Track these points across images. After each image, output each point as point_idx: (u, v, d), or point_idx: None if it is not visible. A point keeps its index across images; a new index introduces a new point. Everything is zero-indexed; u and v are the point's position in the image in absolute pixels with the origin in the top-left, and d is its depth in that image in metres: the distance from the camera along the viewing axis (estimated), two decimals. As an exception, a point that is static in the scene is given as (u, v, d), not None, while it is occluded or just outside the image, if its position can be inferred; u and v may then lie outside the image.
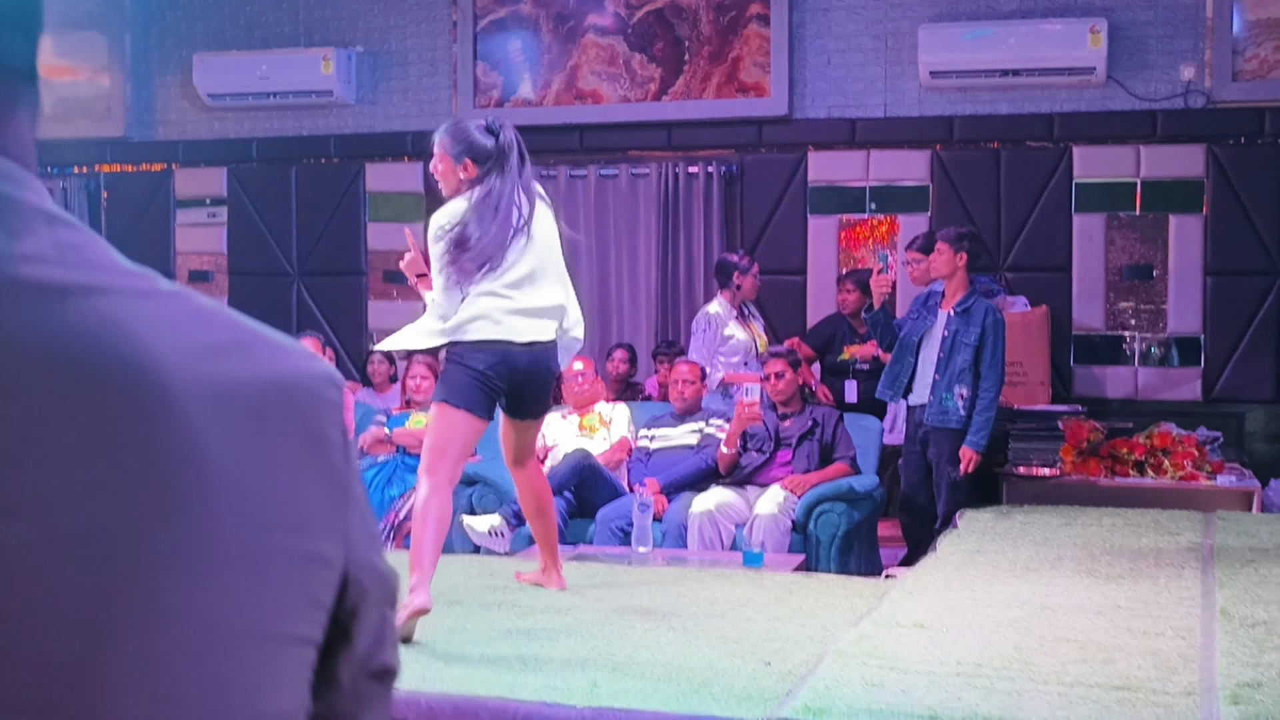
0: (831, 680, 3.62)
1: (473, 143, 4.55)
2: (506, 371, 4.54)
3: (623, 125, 9.46)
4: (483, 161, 4.52)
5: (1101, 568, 5.17)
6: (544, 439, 7.44)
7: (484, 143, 4.55)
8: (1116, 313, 8.75)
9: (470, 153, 4.54)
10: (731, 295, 7.95)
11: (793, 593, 4.92)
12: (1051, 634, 4.13)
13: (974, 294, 6.71)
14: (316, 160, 10.15)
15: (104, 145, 10.52)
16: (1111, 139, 8.68)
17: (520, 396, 4.65)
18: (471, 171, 4.53)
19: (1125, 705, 3.39)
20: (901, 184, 9.06)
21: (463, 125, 4.66)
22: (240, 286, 10.38)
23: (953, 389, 6.58)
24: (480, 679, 3.71)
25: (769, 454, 6.93)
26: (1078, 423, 7.34)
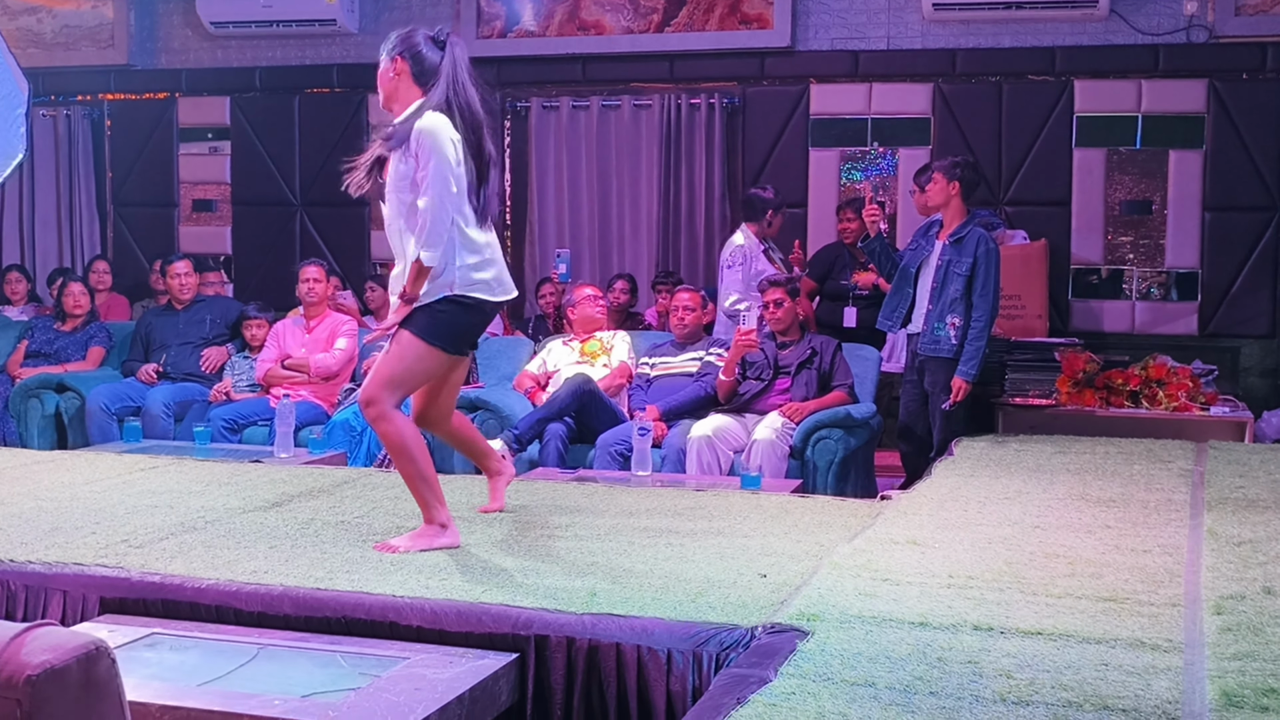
0: (825, 590, 3.71)
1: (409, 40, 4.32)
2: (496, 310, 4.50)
3: (625, 56, 9.48)
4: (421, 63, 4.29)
5: (1093, 492, 5.26)
6: (545, 364, 7.52)
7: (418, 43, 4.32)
8: (1115, 247, 8.81)
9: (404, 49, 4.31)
10: (760, 229, 7.95)
11: (789, 512, 5.00)
12: (1042, 550, 4.22)
13: (969, 224, 6.72)
14: (319, 90, 10.17)
15: (107, 73, 10.54)
16: (1113, 73, 8.70)
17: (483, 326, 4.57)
18: (402, 68, 4.29)
19: (1111, 615, 3.48)
20: (903, 117, 9.09)
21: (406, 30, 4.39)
22: (244, 216, 10.43)
23: (945, 318, 6.62)
24: (482, 588, 3.79)
25: (767, 382, 6.99)
26: (1074, 354, 7.40)
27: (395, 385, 4.32)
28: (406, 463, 4.35)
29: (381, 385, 4.31)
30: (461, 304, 4.33)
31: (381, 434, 4.37)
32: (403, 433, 4.34)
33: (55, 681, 1.79)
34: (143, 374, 8.06)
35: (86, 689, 1.84)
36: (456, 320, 4.35)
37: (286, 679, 3.37)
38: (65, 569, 4.02)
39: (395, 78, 4.36)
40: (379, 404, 4.30)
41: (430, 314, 4.31)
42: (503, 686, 3.44)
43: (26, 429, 7.99)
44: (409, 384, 4.39)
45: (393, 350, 4.36)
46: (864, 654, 3.14)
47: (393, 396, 4.33)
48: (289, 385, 7.70)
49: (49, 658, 1.80)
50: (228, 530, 4.57)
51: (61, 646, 1.83)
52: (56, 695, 1.79)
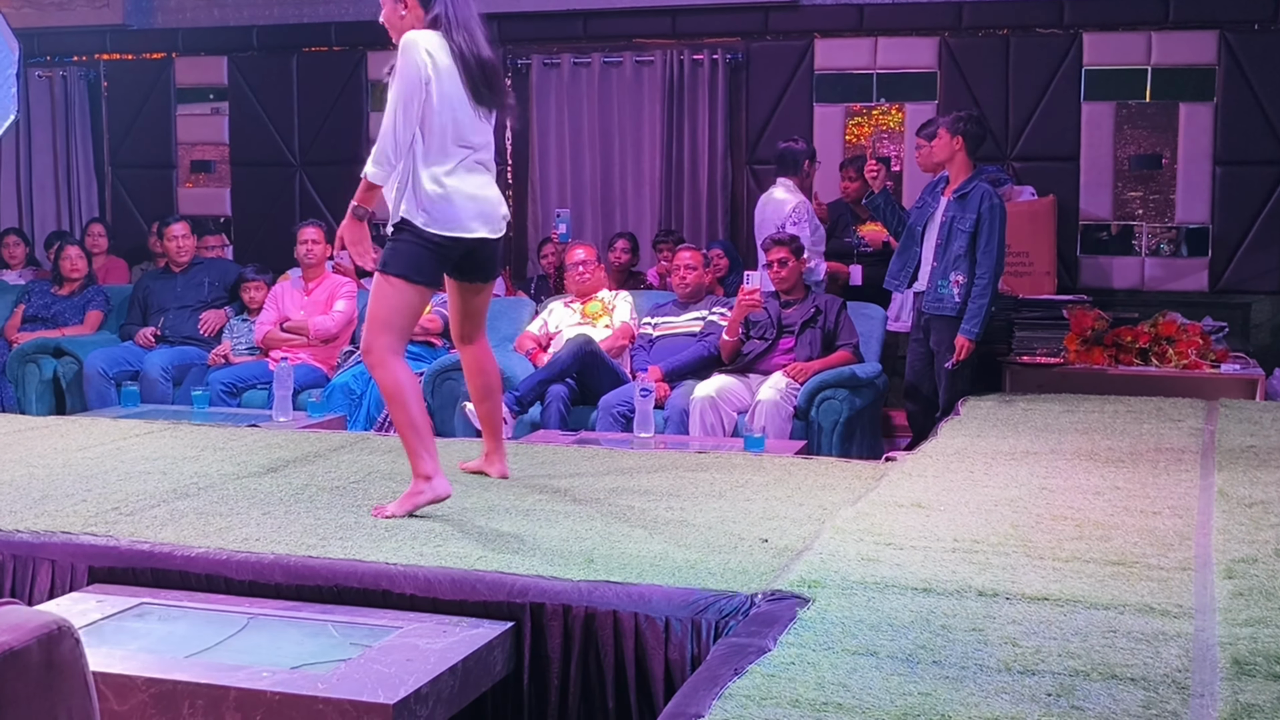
0: (827, 555, 3.63)
1: None
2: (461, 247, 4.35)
3: (627, 11, 9.35)
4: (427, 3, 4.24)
5: (1102, 452, 5.17)
6: (547, 326, 7.44)
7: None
8: (1124, 202, 8.69)
9: None
10: (800, 182, 7.83)
11: (792, 474, 4.92)
12: (1049, 513, 4.14)
13: (974, 180, 6.59)
14: (318, 48, 10.04)
15: (103, 33, 10.42)
16: (1122, 25, 8.56)
17: (472, 259, 4.44)
18: (414, 8, 4.25)
19: (1120, 579, 3.40)
20: (909, 71, 8.96)
21: None
22: (243, 177, 10.34)
23: (948, 276, 6.51)
24: (478, 554, 3.72)
25: (771, 341, 6.90)
26: (1082, 311, 7.30)
27: (385, 327, 4.28)
28: (399, 409, 4.29)
29: (373, 330, 4.29)
30: (418, 237, 4.25)
31: (378, 379, 4.34)
32: (398, 379, 4.28)
33: (14, 664, 1.71)
34: (140, 338, 7.99)
35: (49, 671, 1.76)
36: (416, 252, 4.27)
37: (276, 650, 3.30)
38: (54, 538, 3.94)
39: (404, 16, 4.29)
40: (375, 350, 4.28)
41: (392, 249, 4.30)
42: (497, 656, 3.37)
43: (24, 394, 7.92)
44: (398, 324, 4.32)
45: (373, 293, 4.39)
46: (866, 621, 3.06)
47: (387, 339, 4.28)
48: (288, 348, 7.62)
49: (8, 639, 1.72)
50: (221, 496, 4.49)
51: (22, 627, 1.75)
52: (16, 678, 1.71)
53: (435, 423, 6.91)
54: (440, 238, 4.28)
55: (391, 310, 4.29)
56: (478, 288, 4.60)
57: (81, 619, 3.49)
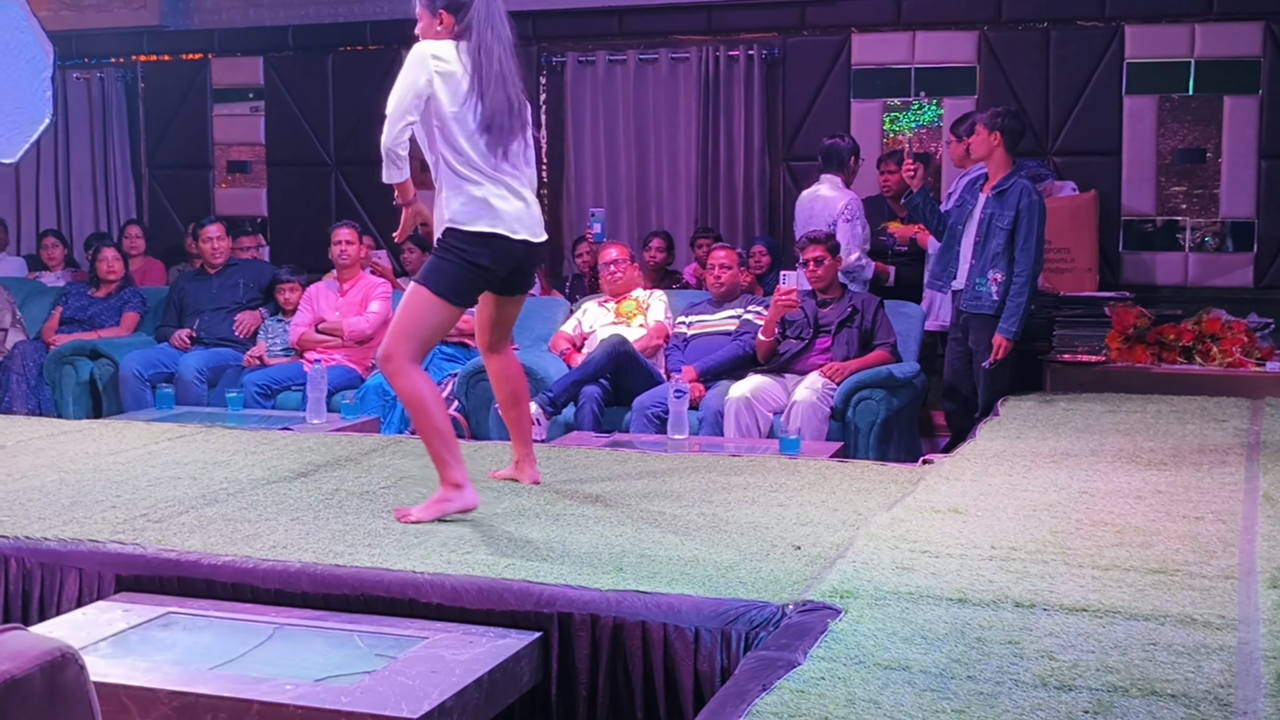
0: (861, 563, 3.56)
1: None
2: (507, 263, 4.32)
3: (662, 8, 9.28)
4: (460, 12, 4.22)
5: (1144, 454, 5.08)
6: (581, 326, 7.39)
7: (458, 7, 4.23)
8: (1167, 197, 8.55)
9: (446, 4, 4.24)
10: (846, 178, 7.75)
11: (827, 478, 4.85)
12: (1089, 518, 4.06)
13: (1013, 176, 6.48)
14: (353, 47, 10.03)
15: (140, 34, 10.43)
16: (1165, 17, 8.41)
17: (513, 275, 4.42)
18: (448, 23, 4.23)
19: (1161, 588, 3.32)
20: (948, 66, 8.85)
21: None
22: (279, 177, 10.33)
23: (986, 274, 6.40)
24: (506, 563, 3.67)
25: (807, 341, 6.82)
26: (1124, 309, 7.18)
27: (410, 338, 4.25)
28: (422, 418, 4.25)
29: (397, 339, 4.26)
30: (463, 256, 4.23)
31: (397, 389, 4.30)
32: (418, 388, 4.24)
33: (16, 693, 1.67)
34: (176, 339, 7.99)
35: (51, 700, 1.72)
36: (460, 272, 4.25)
37: (301, 661, 3.27)
38: (81, 546, 3.93)
39: (439, 32, 4.26)
40: (395, 358, 4.24)
41: (435, 264, 4.28)
42: (524, 667, 3.32)
43: (61, 396, 7.94)
44: (424, 337, 4.30)
45: (405, 302, 4.33)
46: (898, 634, 3.00)
47: (410, 349, 4.25)
48: (323, 349, 7.61)
49: (9, 667, 1.68)
50: (250, 502, 4.47)
51: (24, 654, 1.71)
52: (18, 708, 1.67)
53: (470, 424, 6.91)
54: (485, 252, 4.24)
55: (419, 323, 4.27)
56: (516, 300, 4.59)
57: (108, 629, 3.47)
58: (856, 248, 7.51)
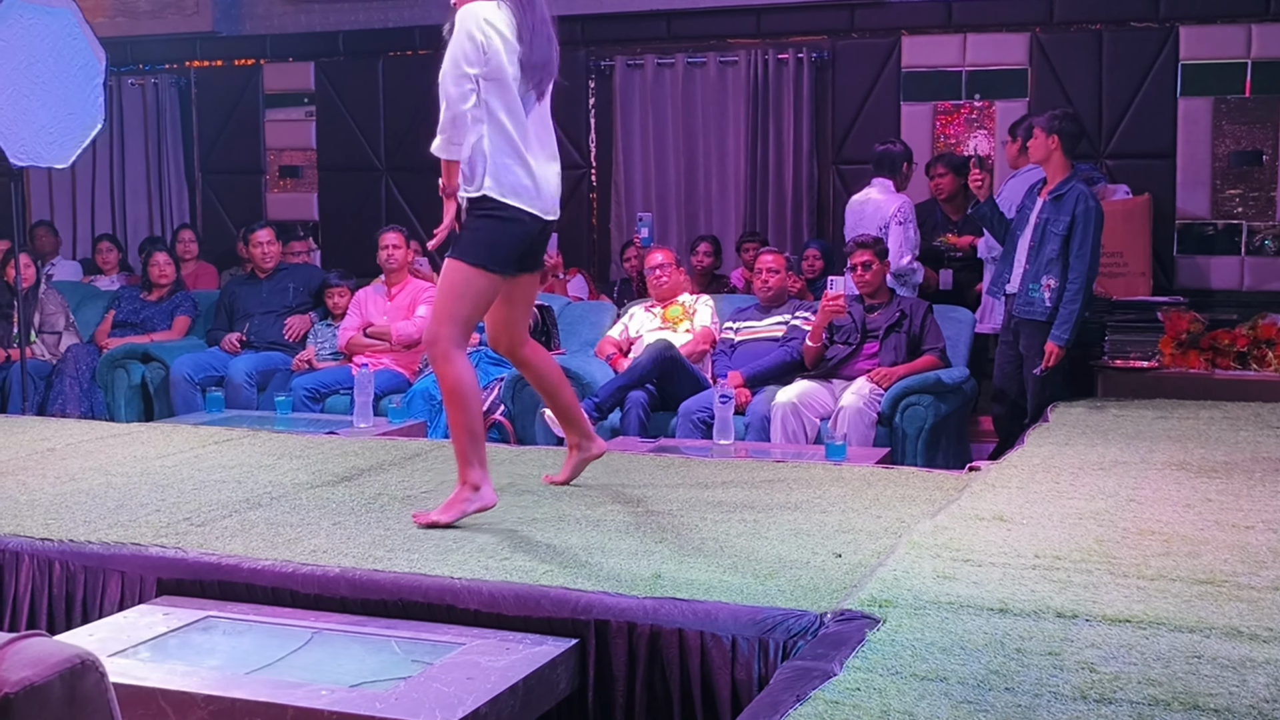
0: (901, 572, 3.52)
1: None
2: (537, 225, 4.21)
3: (711, 11, 9.26)
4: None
5: (1195, 461, 5.00)
6: (628, 330, 7.37)
7: None
8: (1223, 200, 8.43)
9: None
10: (899, 183, 7.71)
11: (871, 485, 4.80)
12: (1136, 527, 4.00)
13: (1071, 180, 6.41)
14: (403, 53, 10.07)
15: (193, 41, 10.53)
16: (1221, 18, 8.30)
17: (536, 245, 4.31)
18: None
19: (1207, 599, 3.26)
20: (999, 68, 8.77)
21: None
22: (329, 182, 10.38)
23: (1040, 279, 6.33)
24: (544, 569, 3.66)
25: (855, 346, 6.78)
26: (1178, 314, 7.08)
27: (453, 319, 4.13)
28: (457, 410, 4.15)
29: (440, 321, 4.14)
30: (497, 217, 4.10)
31: (440, 374, 4.15)
32: (461, 378, 4.13)
33: (35, 700, 1.67)
34: (226, 343, 8.05)
35: (71, 706, 1.72)
36: (494, 235, 4.12)
37: (337, 667, 3.27)
38: (124, 549, 3.95)
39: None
40: (441, 342, 4.13)
41: (469, 233, 4.13)
42: (561, 674, 3.31)
43: (113, 399, 8.01)
44: (466, 314, 4.16)
45: (442, 282, 4.19)
46: (937, 644, 2.96)
47: (454, 332, 4.13)
48: (371, 353, 7.63)
49: (29, 674, 1.68)
50: (292, 506, 4.48)
51: (44, 661, 1.71)
52: (36, 715, 1.67)
53: (516, 429, 6.91)
54: (521, 212, 4.12)
55: (460, 299, 4.13)
56: (530, 279, 4.43)
57: (148, 632, 3.49)
58: (908, 252, 7.45)
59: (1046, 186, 6.48)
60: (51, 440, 5.78)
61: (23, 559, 4.01)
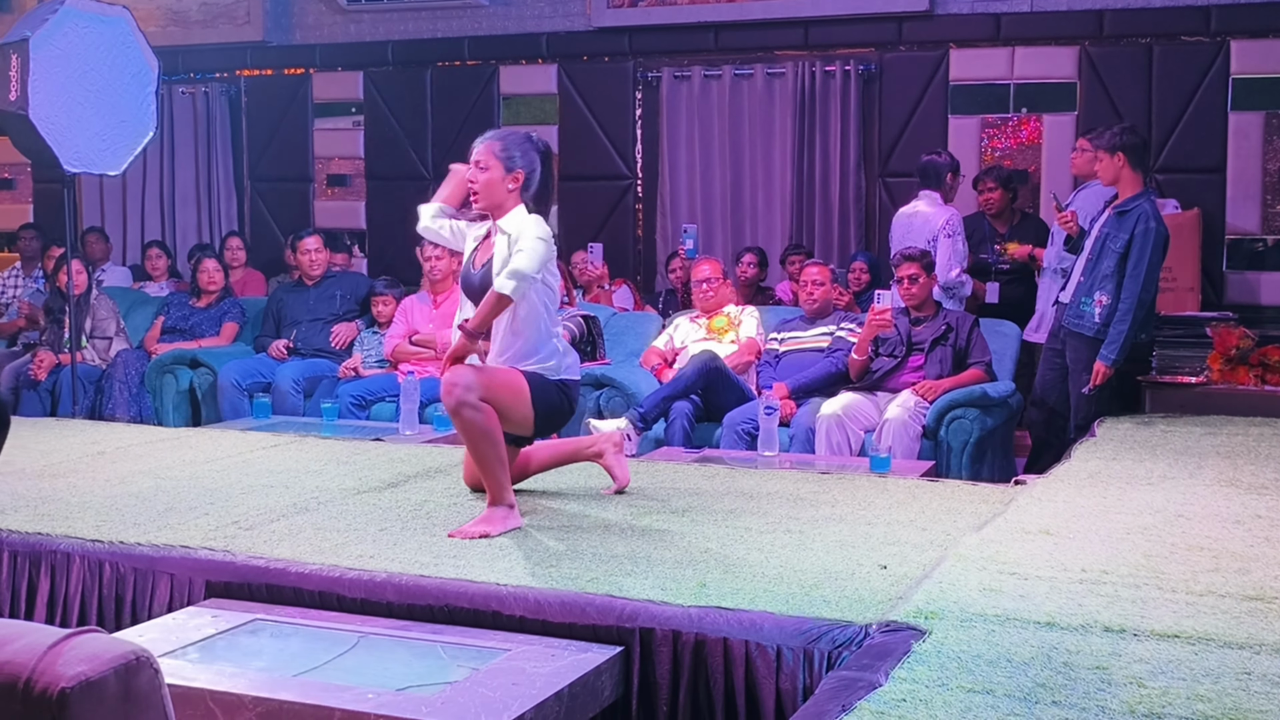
0: (947, 584, 3.51)
1: (529, 157, 4.48)
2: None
3: (759, 23, 9.26)
4: (530, 183, 4.48)
5: (1244, 477, 4.96)
6: (673, 341, 7.38)
7: (537, 164, 4.50)
8: (1273, 215, 8.37)
9: (526, 166, 4.47)
10: (945, 194, 7.71)
11: (917, 498, 4.79)
12: (1184, 542, 3.97)
13: (1140, 198, 6.31)
14: (451, 63, 10.13)
15: (244, 50, 10.63)
16: (1273, 32, 8.24)
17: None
18: (519, 182, 4.46)
19: (1257, 616, 3.23)
20: (1048, 82, 8.74)
21: (518, 135, 4.55)
22: (377, 191, 10.45)
23: (1093, 294, 6.29)
24: (589, 575, 3.67)
25: (900, 358, 6.76)
26: (1227, 329, 7.02)
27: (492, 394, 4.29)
28: (490, 447, 4.29)
29: (481, 387, 4.26)
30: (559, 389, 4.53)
31: (469, 420, 4.24)
32: (491, 418, 4.28)
33: (91, 695, 1.69)
34: (273, 350, 8.11)
35: (125, 702, 1.74)
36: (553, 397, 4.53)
37: (384, 670, 3.29)
38: (173, 552, 3.99)
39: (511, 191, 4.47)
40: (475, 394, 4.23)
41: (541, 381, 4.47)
42: (605, 681, 3.31)
43: (162, 404, 8.08)
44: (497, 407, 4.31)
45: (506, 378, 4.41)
46: (983, 657, 2.94)
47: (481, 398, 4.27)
48: (416, 361, 7.67)
49: (84, 669, 1.70)
50: (340, 512, 4.51)
51: (99, 656, 1.73)
52: (92, 710, 1.69)
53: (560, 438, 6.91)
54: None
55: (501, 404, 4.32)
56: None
57: (196, 634, 3.52)
58: (957, 264, 7.43)
59: (1116, 199, 6.44)
60: (101, 444, 5.84)
61: (74, 560, 4.05)
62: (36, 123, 6.90)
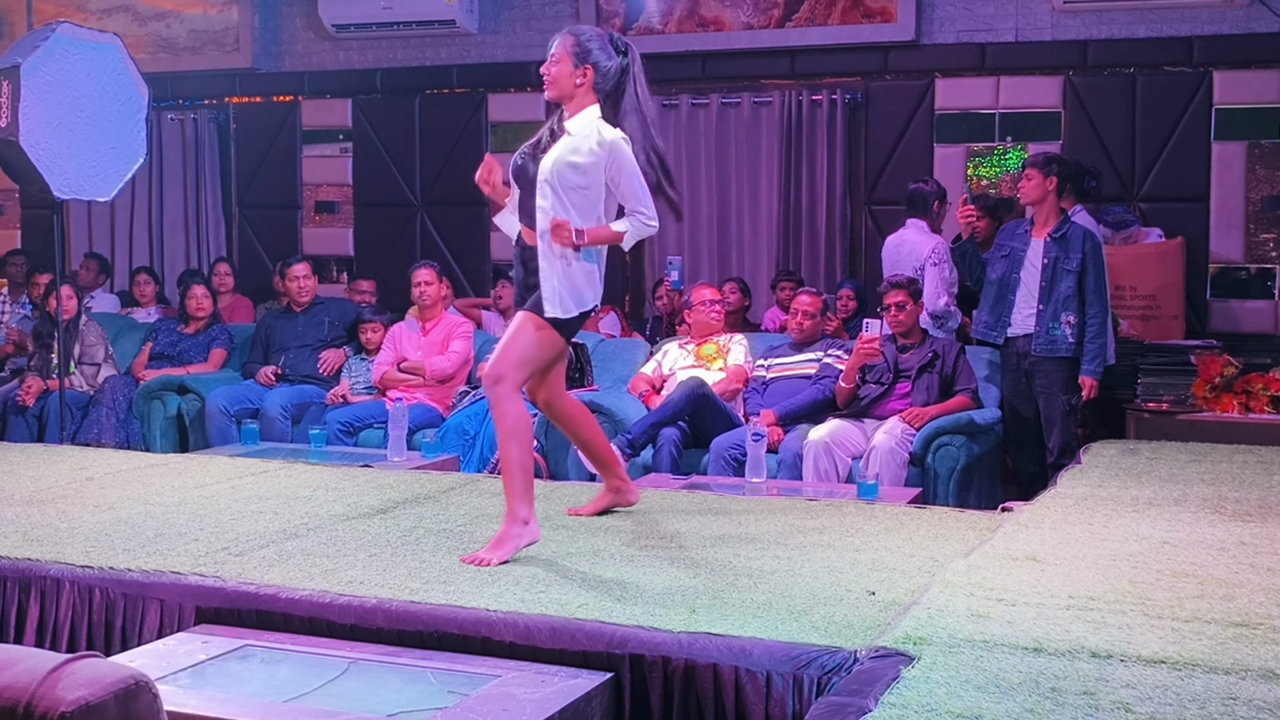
0: (935, 610, 3.53)
1: (603, 52, 4.41)
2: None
3: (745, 53, 9.33)
4: (602, 79, 4.41)
5: (1229, 505, 4.99)
6: (661, 367, 7.41)
7: (612, 59, 4.43)
8: (1256, 244, 8.43)
9: (596, 61, 4.40)
10: (931, 222, 7.77)
11: (904, 524, 4.82)
12: (1170, 569, 3.99)
13: (1068, 220, 6.71)
14: (439, 90, 10.17)
15: (233, 77, 10.66)
16: (1255, 63, 8.32)
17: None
18: (589, 78, 4.39)
19: (1242, 642, 3.26)
20: (1033, 111, 8.80)
21: (594, 31, 4.48)
22: (365, 218, 10.47)
23: (1059, 317, 6.55)
24: (580, 602, 3.68)
25: (887, 386, 6.80)
26: (1211, 357, 7.08)
27: (522, 364, 4.35)
28: (514, 447, 4.31)
29: (511, 364, 4.33)
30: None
31: (503, 411, 4.30)
32: (523, 416, 4.35)
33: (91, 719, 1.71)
34: (261, 376, 8.12)
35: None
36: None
37: (374, 697, 3.30)
38: (163, 577, 4.00)
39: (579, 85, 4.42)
40: (506, 381, 4.32)
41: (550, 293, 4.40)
42: (595, 707, 3.33)
43: (150, 430, 8.09)
44: (533, 366, 4.41)
45: (519, 330, 4.39)
46: (972, 682, 2.96)
47: (519, 376, 4.36)
48: (405, 388, 7.68)
49: (84, 693, 1.72)
50: (329, 538, 4.52)
51: (99, 681, 1.75)
52: (91, 733, 1.71)
53: (549, 465, 6.94)
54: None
55: (533, 357, 4.38)
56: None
57: (186, 660, 3.53)
58: (944, 292, 7.47)
59: (1040, 227, 6.66)
60: (90, 470, 5.84)
61: (64, 586, 4.06)
62: (27, 149, 6.92)
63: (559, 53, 4.41)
